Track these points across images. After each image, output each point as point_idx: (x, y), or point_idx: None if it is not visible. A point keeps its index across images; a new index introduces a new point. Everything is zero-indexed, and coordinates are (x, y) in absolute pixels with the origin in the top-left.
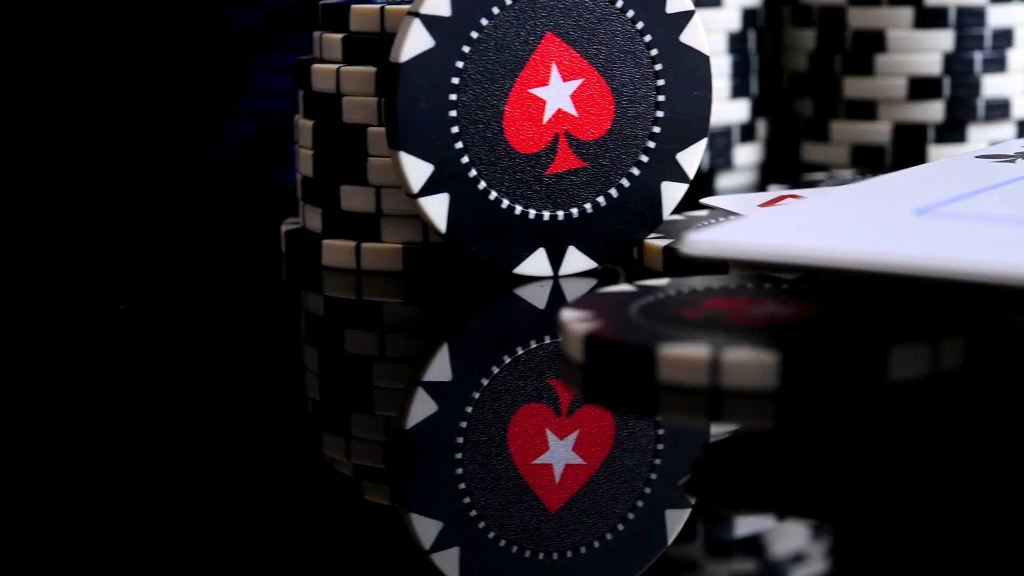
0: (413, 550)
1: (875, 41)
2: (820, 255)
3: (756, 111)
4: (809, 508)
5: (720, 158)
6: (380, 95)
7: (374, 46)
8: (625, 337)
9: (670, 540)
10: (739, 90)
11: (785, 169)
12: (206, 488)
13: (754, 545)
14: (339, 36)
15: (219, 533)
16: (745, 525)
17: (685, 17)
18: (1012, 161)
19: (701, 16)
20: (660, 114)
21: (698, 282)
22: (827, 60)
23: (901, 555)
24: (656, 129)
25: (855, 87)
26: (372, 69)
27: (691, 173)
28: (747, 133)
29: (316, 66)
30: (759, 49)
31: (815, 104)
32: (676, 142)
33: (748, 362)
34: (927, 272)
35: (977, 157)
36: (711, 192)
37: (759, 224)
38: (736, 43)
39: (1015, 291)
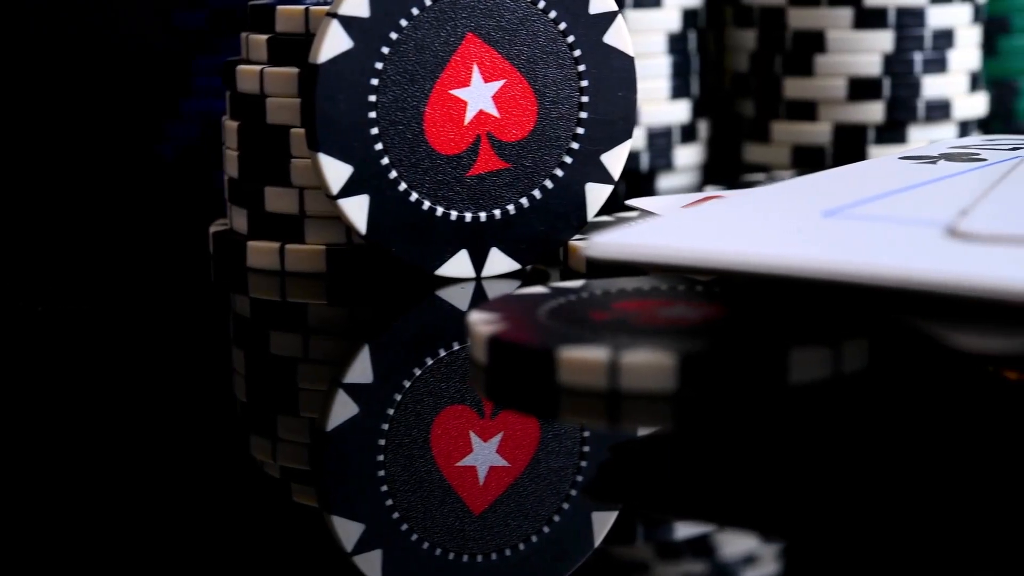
0: (335, 552)
1: (815, 42)
2: (721, 258)
3: (697, 112)
4: (708, 511)
5: (661, 159)
6: (301, 96)
7: (299, 47)
8: (526, 339)
9: (597, 542)
10: (679, 91)
11: (727, 170)
12: (129, 489)
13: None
14: (264, 37)
15: (142, 535)
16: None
17: (608, 18)
18: (934, 162)
19: (640, 16)
20: (584, 115)
21: (613, 284)
22: (767, 61)
23: (801, 557)
24: (580, 130)
25: (795, 88)
26: (295, 70)
27: (616, 174)
28: (688, 134)
29: (240, 67)
30: (700, 50)
31: (756, 105)
32: (600, 143)
33: (646, 365)
34: (824, 275)
35: (901, 158)
36: (652, 193)
37: (663, 227)
38: (676, 44)
39: (914, 294)
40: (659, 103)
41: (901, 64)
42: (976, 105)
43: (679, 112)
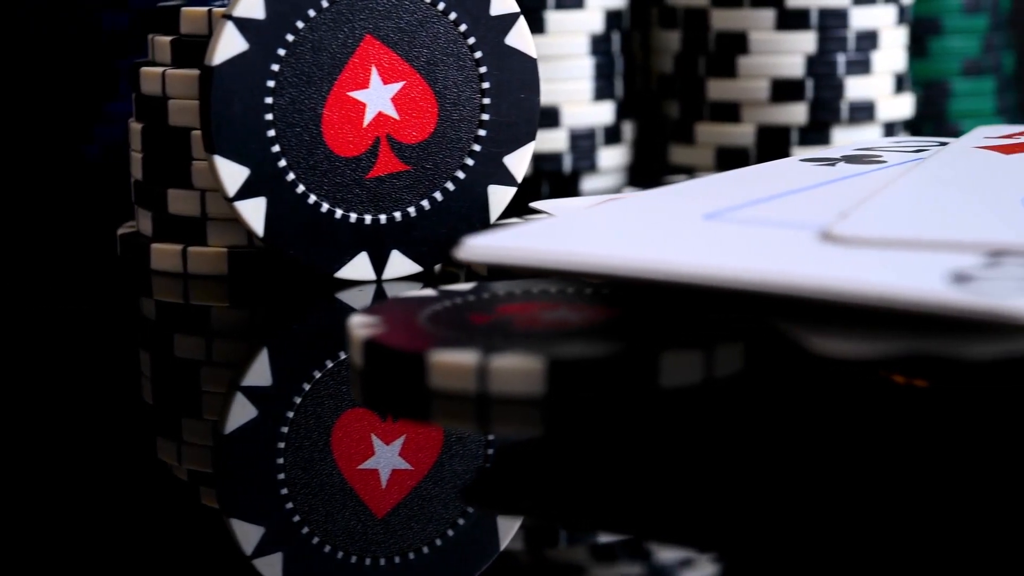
0: (235, 555)
1: (737, 43)
2: (591, 262)
3: (622, 113)
4: (579, 516)
5: (584, 160)
6: (199, 99)
7: (201, 49)
8: (399, 343)
9: (502, 546)
10: (603, 92)
11: (652, 172)
12: (33, 491)
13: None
14: (168, 39)
15: (45, 537)
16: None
17: (510, 19)
18: (833, 165)
19: (563, 17)
20: (485, 117)
21: (503, 287)
22: (691, 62)
23: (674, 560)
24: (481, 132)
25: (719, 89)
26: (197, 72)
27: (519, 176)
28: (612, 135)
29: (143, 69)
30: (624, 51)
31: (681, 106)
32: (503, 145)
33: (515, 369)
34: (693, 279)
35: (802, 160)
36: (576, 194)
37: (540, 230)
38: (599, 45)
39: (784, 298)
40: (582, 105)
41: (824, 65)
42: (902, 106)
43: (603, 114)
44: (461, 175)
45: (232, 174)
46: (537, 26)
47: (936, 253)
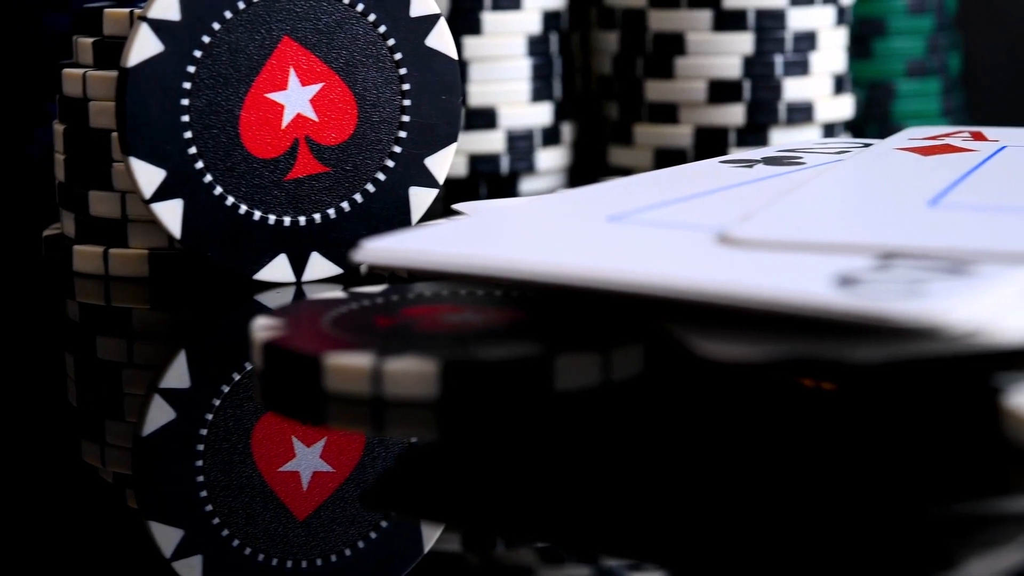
0: (155, 558)
1: (675, 44)
2: (491, 264)
3: (560, 114)
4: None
5: (522, 162)
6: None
7: (122, 51)
8: (297, 346)
9: (426, 549)
10: (541, 93)
11: (592, 173)
12: None
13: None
14: (91, 40)
15: None
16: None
17: (430, 21)
18: (751, 166)
19: (499, 18)
20: (406, 119)
21: (414, 289)
22: (629, 63)
23: (571, 563)
24: (402, 134)
25: (656, 90)
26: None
27: (441, 178)
28: (551, 137)
29: (65, 70)
30: (562, 52)
31: (619, 107)
32: (424, 147)
33: (409, 371)
34: (586, 282)
35: (721, 162)
36: (514, 196)
37: (440, 233)
38: (537, 46)
39: (678, 300)
40: (519, 106)
41: (761, 66)
42: (842, 107)
43: (541, 115)
44: (381, 177)
45: (148, 176)
46: (474, 27)
47: (827, 256)
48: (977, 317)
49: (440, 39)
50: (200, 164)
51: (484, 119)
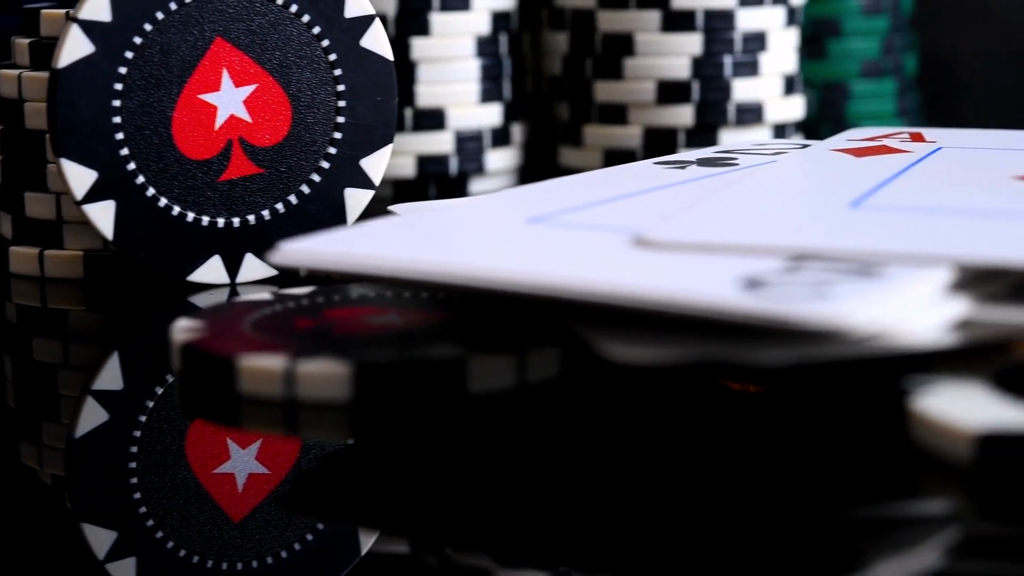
0: (89, 559)
1: (624, 45)
2: (406, 267)
3: (510, 115)
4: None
5: (471, 163)
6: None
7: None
8: (212, 348)
9: (364, 551)
10: (490, 94)
11: (542, 174)
12: None
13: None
14: (27, 41)
15: None
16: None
17: (365, 22)
18: (684, 167)
19: (448, 19)
20: (341, 120)
21: (341, 291)
22: (579, 64)
23: (483, 566)
24: (337, 135)
25: (605, 91)
26: None
27: (376, 179)
28: (501, 137)
29: (1, 71)
30: (512, 52)
31: (570, 108)
32: (359, 148)
33: (321, 374)
34: (499, 284)
35: (656, 163)
36: (464, 196)
37: (359, 235)
38: (486, 47)
39: (591, 303)
40: (468, 107)
41: (710, 67)
42: (792, 108)
43: (490, 116)
44: (317, 178)
45: (79, 177)
46: (422, 28)
47: (738, 258)
48: (881, 319)
49: (375, 40)
50: (132, 165)
51: (433, 120)
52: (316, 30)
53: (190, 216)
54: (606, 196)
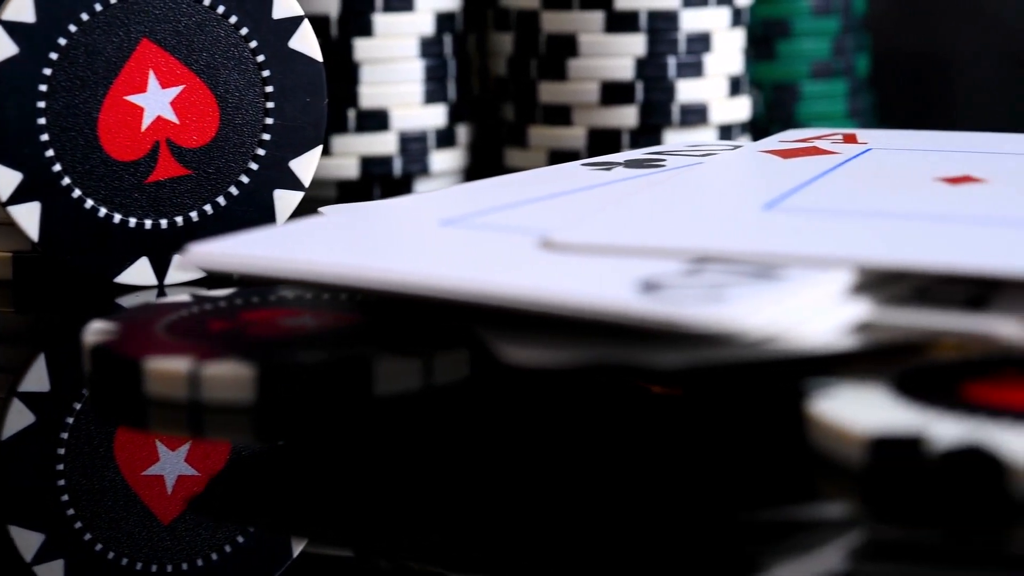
0: (15, 562)
1: (567, 46)
2: (314, 269)
3: (455, 116)
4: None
5: (416, 164)
6: None
7: None
8: (120, 350)
9: (295, 553)
10: (434, 95)
11: (488, 174)
12: None
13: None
14: None
15: None
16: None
17: (294, 23)
18: (610, 169)
19: (391, 20)
20: (270, 121)
21: (261, 293)
22: (524, 65)
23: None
24: (266, 136)
25: (550, 92)
26: None
27: (306, 181)
28: (445, 138)
29: None
30: (457, 53)
31: (515, 109)
32: (288, 149)
33: (226, 376)
34: (405, 287)
35: (583, 164)
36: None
37: (269, 237)
38: (430, 48)
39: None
40: (412, 108)
41: (654, 68)
42: (738, 109)
43: (434, 117)
44: (245, 179)
45: (5, 178)
46: (365, 29)
47: (640, 261)
48: (775, 322)
49: (303, 41)
50: (58, 167)
51: (376, 121)
52: (244, 31)
53: (117, 218)
54: (525, 198)
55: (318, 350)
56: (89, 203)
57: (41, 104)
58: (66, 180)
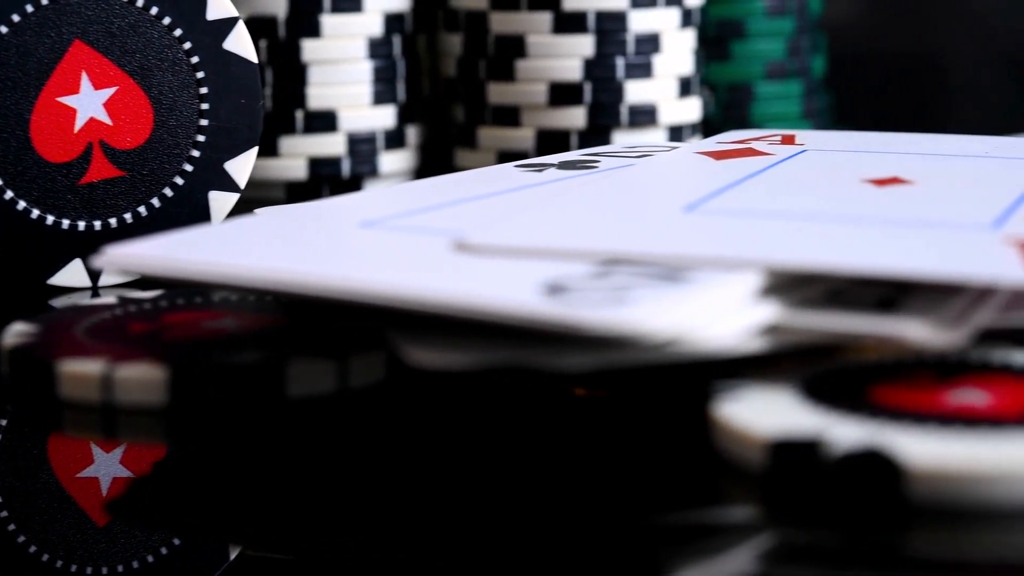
0: None
1: (516, 47)
2: (229, 272)
3: (405, 117)
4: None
5: (365, 165)
6: None
7: None
8: (36, 352)
9: (231, 556)
10: (383, 96)
11: (438, 175)
12: None
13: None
14: None
15: None
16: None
17: (228, 24)
18: (541, 171)
19: (339, 21)
20: (204, 122)
21: (189, 295)
22: (473, 66)
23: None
24: (201, 138)
25: (499, 93)
26: None
27: (242, 182)
28: (395, 139)
29: None
30: (407, 54)
31: (465, 110)
32: (224, 151)
33: (138, 378)
34: (316, 291)
35: (516, 166)
36: None
37: (187, 239)
38: (378, 48)
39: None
40: (360, 108)
41: (602, 69)
42: (688, 110)
43: (383, 118)
44: (180, 181)
45: None
46: (313, 30)
47: (549, 263)
48: (678, 324)
49: (238, 42)
50: None
51: (324, 122)
52: (178, 32)
53: (50, 219)
54: (450, 199)
55: (231, 353)
56: (22, 204)
57: None
58: None
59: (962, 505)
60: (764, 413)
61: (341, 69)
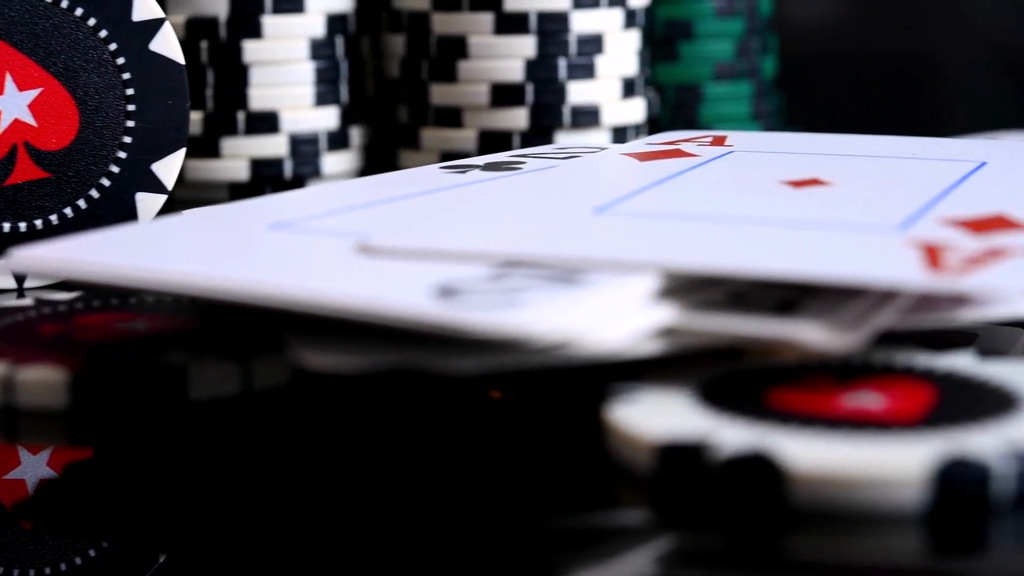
0: None
1: (458, 47)
2: (134, 274)
3: (348, 118)
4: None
5: (307, 166)
6: None
7: None
8: None
9: (161, 557)
10: (326, 97)
11: None
12: None
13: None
14: None
15: None
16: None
17: (154, 25)
18: (464, 172)
19: (281, 22)
20: (131, 124)
21: (99, 297)
22: (415, 66)
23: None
24: (127, 139)
25: (441, 94)
26: None
27: (169, 184)
28: (338, 141)
29: None
30: (350, 55)
31: (408, 111)
32: (150, 152)
33: (39, 381)
34: (217, 292)
35: (440, 167)
36: None
37: (97, 241)
38: (321, 49)
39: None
40: (303, 110)
41: (545, 70)
42: (632, 111)
43: (326, 119)
44: (106, 182)
45: None
46: (254, 31)
47: (445, 265)
48: (569, 327)
49: (165, 43)
50: None
51: (266, 123)
52: (103, 33)
53: None
54: (366, 201)
55: (133, 355)
56: None
57: None
58: None
59: (843, 509)
60: (655, 416)
61: (283, 70)
